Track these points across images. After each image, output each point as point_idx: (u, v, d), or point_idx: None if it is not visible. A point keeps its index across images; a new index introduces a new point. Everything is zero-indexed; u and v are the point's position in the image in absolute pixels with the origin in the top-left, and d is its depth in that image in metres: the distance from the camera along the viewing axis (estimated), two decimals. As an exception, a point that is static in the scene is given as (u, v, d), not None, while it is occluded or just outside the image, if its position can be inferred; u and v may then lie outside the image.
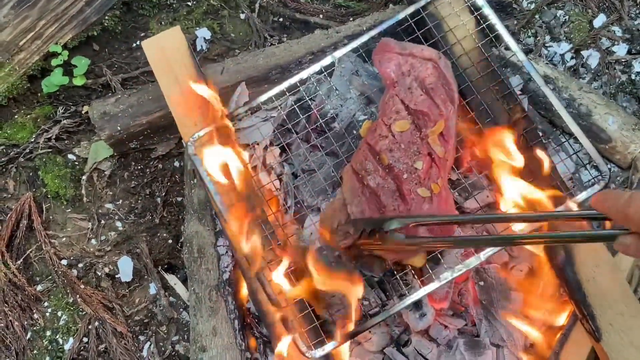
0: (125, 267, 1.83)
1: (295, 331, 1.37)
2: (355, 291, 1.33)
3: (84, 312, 1.78)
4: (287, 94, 1.57)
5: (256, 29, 2.07)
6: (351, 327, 1.34)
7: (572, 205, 1.35)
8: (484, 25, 1.56)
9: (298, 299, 1.40)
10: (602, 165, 1.42)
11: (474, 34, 1.58)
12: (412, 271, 1.43)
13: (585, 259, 1.41)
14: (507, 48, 1.76)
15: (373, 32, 1.58)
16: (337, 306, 1.43)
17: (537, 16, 2.02)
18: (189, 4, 2.13)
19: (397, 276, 1.44)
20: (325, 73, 1.57)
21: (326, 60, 1.56)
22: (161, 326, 1.77)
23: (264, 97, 1.56)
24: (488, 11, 1.54)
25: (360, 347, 1.51)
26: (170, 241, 1.86)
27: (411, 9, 1.59)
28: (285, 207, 1.62)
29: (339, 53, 1.57)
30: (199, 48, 2.06)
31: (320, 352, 1.35)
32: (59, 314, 1.80)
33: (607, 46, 1.96)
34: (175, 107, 1.65)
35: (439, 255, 1.43)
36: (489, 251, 1.39)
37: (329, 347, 1.35)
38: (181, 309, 1.78)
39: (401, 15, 1.59)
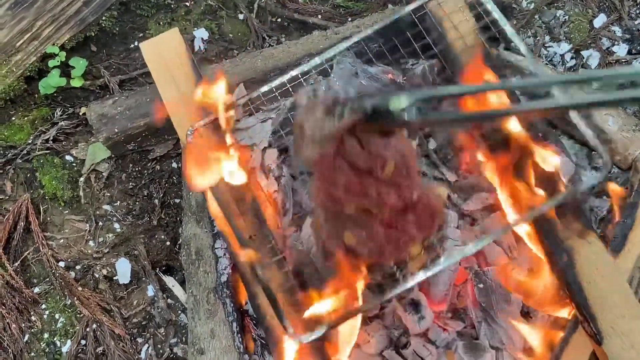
0: (123, 269, 1.82)
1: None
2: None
3: (82, 315, 1.77)
4: (288, 85, 1.56)
5: (254, 30, 2.06)
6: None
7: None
8: (496, 31, 1.55)
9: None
10: (603, 153, 1.37)
11: (477, 32, 1.58)
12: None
13: (585, 261, 1.40)
14: (507, 49, 1.76)
15: (377, 27, 1.56)
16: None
17: (536, 16, 2.01)
18: (187, 4, 2.12)
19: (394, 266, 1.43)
20: (326, 65, 1.55)
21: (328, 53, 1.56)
22: (159, 328, 1.77)
23: (265, 88, 1.54)
24: (497, 15, 1.53)
25: (359, 349, 1.50)
26: (168, 243, 1.85)
27: (412, 6, 1.58)
28: (283, 209, 1.62)
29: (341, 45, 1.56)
30: (197, 48, 2.05)
31: (308, 337, 1.31)
32: (57, 316, 1.79)
33: (608, 46, 1.95)
34: (173, 109, 1.64)
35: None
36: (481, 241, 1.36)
37: (318, 332, 1.31)
38: (179, 311, 1.78)
39: (412, 7, 1.56)
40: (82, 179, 1.93)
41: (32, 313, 1.80)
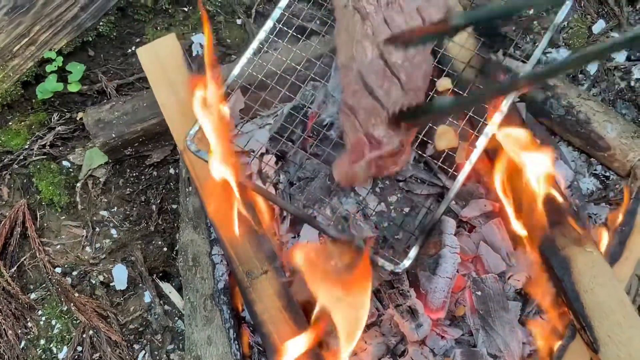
0: (120, 275, 1.81)
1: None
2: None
3: (78, 321, 1.76)
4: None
5: (252, 35, 2.05)
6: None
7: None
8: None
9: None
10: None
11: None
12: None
13: (583, 269, 1.40)
14: (505, 54, 1.76)
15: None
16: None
17: (535, 22, 2.00)
18: (185, 9, 2.12)
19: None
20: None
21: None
22: (156, 335, 1.76)
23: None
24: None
25: (356, 357, 1.50)
26: (165, 249, 1.84)
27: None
28: (280, 215, 1.61)
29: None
30: (194, 54, 2.05)
31: (407, 261, 1.36)
32: (53, 322, 1.79)
33: (606, 52, 1.95)
34: (169, 114, 1.64)
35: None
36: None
37: (412, 254, 1.36)
38: (176, 318, 1.77)
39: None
40: (79, 184, 1.92)
41: (28, 319, 1.79)
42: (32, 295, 1.82)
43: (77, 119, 2.00)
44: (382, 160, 1.36)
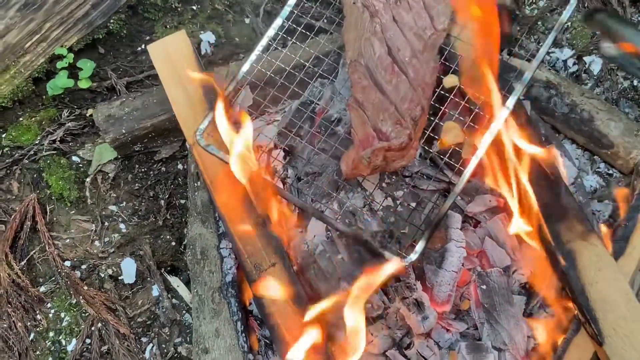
0: (129, 269, 1.83)
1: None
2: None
3: (87, 314, 1.78)
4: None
5: (260, 33, 2.08)
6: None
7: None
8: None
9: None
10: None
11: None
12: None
13: (587, 263, 1.42)
14: (510, 54, 1.78)
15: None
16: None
17: (539, 22, 2.03)
18: (194, 8, 2.15)
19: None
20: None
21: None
22: (164, 328, 1.78)
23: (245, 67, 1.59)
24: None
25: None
26: (173, 243, 1.86)
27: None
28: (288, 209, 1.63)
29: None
30: (203, 52, 2.08)
31: (414, 255, 1.36)
32: (62, 315, 1.80)
33: (610, 52, 1.97)
34: (179, 109, 1.66)
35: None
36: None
37: (419, 247, 1.36)
38: (184, 311, 1.79)
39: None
40: (88, 179, 1.94)
41: (37, 312, 1.81)
42: (42, 288, 1.84)
43: (87, 115, 2.02)
44: (389, 154, 1.38)
